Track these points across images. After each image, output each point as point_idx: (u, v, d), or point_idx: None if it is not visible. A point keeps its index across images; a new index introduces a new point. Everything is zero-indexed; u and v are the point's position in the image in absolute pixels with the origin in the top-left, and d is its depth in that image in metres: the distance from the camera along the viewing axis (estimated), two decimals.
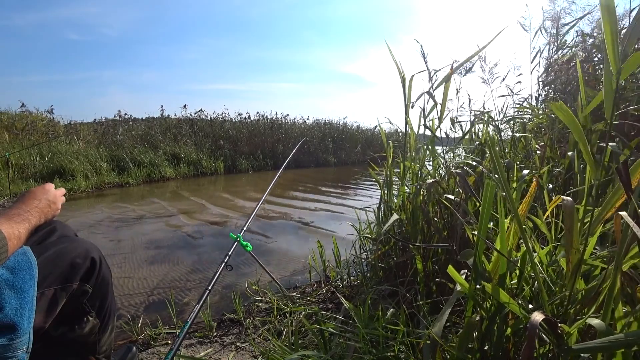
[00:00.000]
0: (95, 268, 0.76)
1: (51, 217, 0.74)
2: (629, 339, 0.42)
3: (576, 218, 0.54)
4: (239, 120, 9.12)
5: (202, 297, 0.97)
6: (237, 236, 1.31)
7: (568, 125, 0.55)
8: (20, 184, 4.52)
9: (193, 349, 1.19)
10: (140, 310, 1.49)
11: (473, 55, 1.25)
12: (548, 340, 0.56)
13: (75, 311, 0.76)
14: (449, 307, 0.63)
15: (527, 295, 0.69)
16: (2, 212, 0.63)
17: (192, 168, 6.68)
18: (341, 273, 1.65)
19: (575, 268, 0.55)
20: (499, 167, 0.59)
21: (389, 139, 1.62)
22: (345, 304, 1.05)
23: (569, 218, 0.54)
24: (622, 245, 0.49)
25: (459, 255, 0.71)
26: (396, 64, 1.29)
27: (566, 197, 0.56)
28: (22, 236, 0.61)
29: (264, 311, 1.42)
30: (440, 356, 0.68)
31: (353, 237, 1.71)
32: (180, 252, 2.28)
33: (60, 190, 0.79)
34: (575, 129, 0.54)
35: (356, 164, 9.70)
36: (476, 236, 0.65)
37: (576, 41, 1.61)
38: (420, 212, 1.28)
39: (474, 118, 1.65)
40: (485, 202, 0.61)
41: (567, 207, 0.54)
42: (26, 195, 0.71)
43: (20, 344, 0.56)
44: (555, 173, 1.24)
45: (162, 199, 4.30)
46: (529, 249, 0.58)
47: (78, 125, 7.50)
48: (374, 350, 0.84)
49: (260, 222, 3.01)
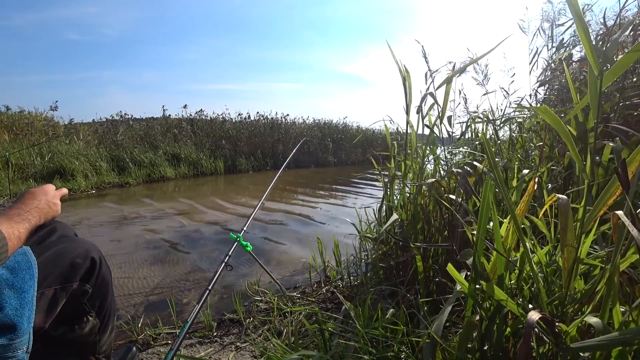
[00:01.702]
0: (95, 268, 0.76)
1: (51, 217, 0.74)
2: (626, 337, 0.42)
3: (571, 217, 0.54)
4: (239, 120, 9.11)
5: (202, 297, 0.97)
6: (237, 236, 1.32)
7: (555, 128, 0.55)
8: (20, 184, 4.52)
9: (193, 349, 1.19)
10: (140, 310, 1.49)
11: (479, 58, 1.26)
12: (547, 339, 0.56)
13: (75, 311, 0.76)
14: (449, 306, 0.63)
15: (527, 294, 0.69)
16: (1, 212, 0.63)
17: (192, 168, 6.68)
18: (341, 273, 1.65)
19: (571, 267, 0.55)
20: (494, 166, 0.60)
21: (391, 139, 1.62)
22: (345, 304, 1.05)
23: (563, 216, 0.54)
24: (619, 244, 0.50)
25: (458, 255, 0.72)
26: (397, 64, 1.29)
27: (561, 195, 0.56)
28: (22, 236, 0.61)
29: (264, 311, 1.42)
30: (440, 356, 0.68)
31: (353, 237, 1.71)
32: (180, 252, 2.28)
33: (60, 191, 0.79)
34: (562, 132, 0.55)
35: (356, 164, 9.70)
36: (475, 236, 0.65)
37: (571, 41, 1.61)
38: (420, 211, 1.28)
39: (470, 118, 1.66)
40: (484, 202, 0.62)
41: (562, 206, 0.54)
42: (26, 195, 0.70)
43: (20, 344, 0.56)
44: (555, 173, 1.25)
45: (162, 199, 4.30)
46: (526, 248, 0.58)
47: (78, 125, 7.50)
48: (374, 350, 0.84)
49: (260, 222, 3.01)
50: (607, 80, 0.51)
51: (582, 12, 0.48)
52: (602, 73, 0.48)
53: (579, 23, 0.48)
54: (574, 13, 0.47)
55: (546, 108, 0.55)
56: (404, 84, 1.34)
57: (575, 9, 0.47)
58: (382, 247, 1.39)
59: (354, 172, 7.49)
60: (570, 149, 0.55)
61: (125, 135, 7.00)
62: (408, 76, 1.32)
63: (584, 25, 0.48)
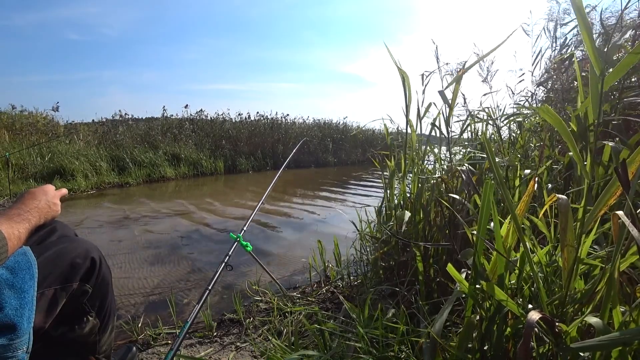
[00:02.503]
0: (95, 268, 0.76)
1: (51, 217, 0.74)
2: (626, 337, 0.42)
3: (571, 217, 0.54)
4: (239, 120, 9.11)
5: (202, 297, 0.97)
6: (237, 236, 1.32)
7: (556, 128, 0.55)
8: (20, 184, 4.52)
9: (193, 349, 1.19)
10: (140, 310, 1.49)
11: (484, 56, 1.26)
12: (547, 339, 0.56)
13: (75, 311, 0.76)
14: (449, 306, 0.63)
15: (527, 294, 0.69)
16: (1, 212, 0.63)
17: (192, 168, 6.67)
18: (341, 273, 1.65)
19: (571, 267, 0.55)
20: (495, 165, 0.59)
21: (391, 138, 1.62)
22: (345, 304, 1.05)
23: (564, 216, 0.54)
24: (619, 244, 0.50)
25: (459, 255, 0.72)
26: (396, 64, 1.29)
27: (561, 195, 0.56)
28: (22, 236, 0.61)
29: (264, 311, 1.42)
30: (440, 356, 0.68)
31: (353, 237, 1.71)
32: (180, 252, 2.28)
33: (60, 191, 0.79)
34: (563, 131, 0.55)
35: (356, 163, 9.69)
36: (475, 236, 0.65)
37: (574, 41, 1.61)
38: (421, 211, 1.28)
39: (470, 116, 1.65)
40: (484, 202, 0.62)
41: (562, 206, 0.54)
42: (25, 195, 0.70)
43: (20, 344, 0.56)
44: (555, 172, 1.24)
45: (162, 199, 4.30)
46: (526, 248, 0.58)
47: (78, 125, 7.50)
48: (374, 350, 0.84)
49: (260, 222, 3.01)
50: (609, 81, 0.51)
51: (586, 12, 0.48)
52: (603, 73, 0.48)
53: (581, 22, 0.48)
54: (577, 12, 0.47)
55: (547, 108, 0.55)
56: (403, 84, 1.34)
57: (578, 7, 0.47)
58: (383, 247, 1.39)
59: (354, 172, 7.49)
60: (571, 148, 0.55)
61: (125, 135, 7.00)
62: (407, 77, 1.32)
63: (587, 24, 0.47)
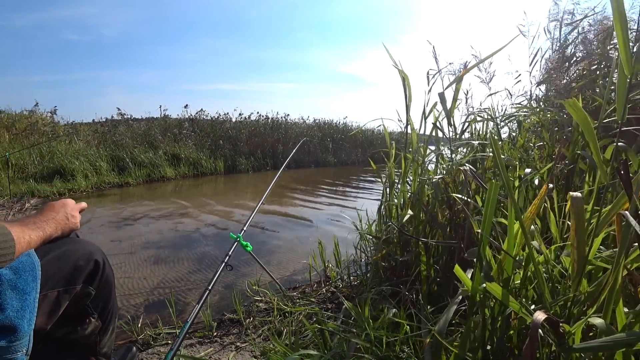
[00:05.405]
0: (99, 270, 0.76)
1: (69, 230, 0.74)
2: (630, 339, 0.42)
3: (584, 217, 0.53)
4: (239, 120, 9.10)
5: (202, 297, 0.97)
6: (237, 236, 1.31)
7: (580, 124, 0.54)
8: (20, 184, 4.51)
9: (193, 349, 1.19)
10: (140, 310, 1.49)
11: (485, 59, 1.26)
12: (550, 340, 0.56)
13: (78, 313, 0.76)
14: (454, 306, 0.63)
15: (531, 295, 0.69)
16: (19, 220, 0.65)
17: (192, 168, 6.67)
18: (341, 273, 1.65)
19: (580, 268, 0.55)
20: (502, 166, 0.59)
21: (390, 138, 1.62)
22: (345, 304, 1.05)
23: (576, 216, 0.53)
24: (622, 245, 0.49)
25: (465, 254, 0.71)
26: (396, 65, 1.29)
27: (575, 193, 0.54)
28: (32, 242, 0.62)
29: (264, 311, 1.42)
30: (443, 356, 0.67)
31: (353, 237, 1.70)
32: (180, 252, 2.28)
33: (80, 205, 0.80)
34: (587, 129, 0.54)
35: (356, 163, 9.69)
36: (480, 235, 0.65)
37: (576, 42, 1.61)
38: (423, 210, 1.28)
39: (471, 114, 1.65)
40: (488, 203, 0.61)
41: (576, 205, 0.53)
42: (45, 207, 0.72)
43: (20, 346, 0.56)
44: (556, 172, 1.24)
45: (162, 199, 4.30)
46: (531, 252, 0.57)
47: (78, 126, 7.49)
48: (377, 351, 0.84)
49: (260, 222, 3.01)
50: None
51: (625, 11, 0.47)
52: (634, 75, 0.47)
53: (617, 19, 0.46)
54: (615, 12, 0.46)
55: (575, 102, 0.54)
56: (403, 85, 1.34)
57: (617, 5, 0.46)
58: (384, 247, 1.38)
59: (354, 172, 7.49)
60: (592, 147, 0.54)
61: (125, 135, 6.99)
62: (407, 78, 1.32)
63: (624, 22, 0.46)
